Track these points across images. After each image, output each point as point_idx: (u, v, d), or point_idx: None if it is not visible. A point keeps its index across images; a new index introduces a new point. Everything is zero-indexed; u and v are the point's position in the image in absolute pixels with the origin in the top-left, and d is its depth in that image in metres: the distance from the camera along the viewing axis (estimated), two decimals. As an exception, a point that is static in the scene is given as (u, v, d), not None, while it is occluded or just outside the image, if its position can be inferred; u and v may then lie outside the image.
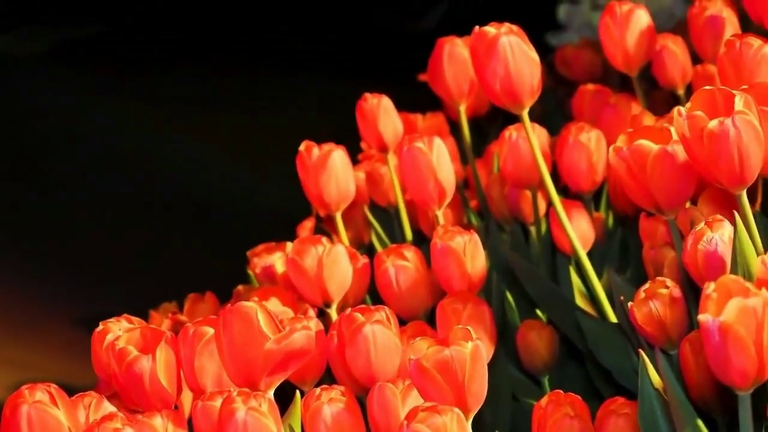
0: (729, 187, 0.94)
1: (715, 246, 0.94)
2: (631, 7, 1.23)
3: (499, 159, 1.26)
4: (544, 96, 1.83)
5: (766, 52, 1.04)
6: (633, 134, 1.02)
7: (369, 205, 1.39)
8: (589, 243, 1.23)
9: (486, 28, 1.12)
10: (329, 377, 1.06)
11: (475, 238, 1.09)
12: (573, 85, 1.59)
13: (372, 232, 1.37)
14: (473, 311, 1.04)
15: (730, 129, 0.91)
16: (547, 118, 1.57)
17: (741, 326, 0.76)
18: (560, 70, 1.73)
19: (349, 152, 1.48)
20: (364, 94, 1.31)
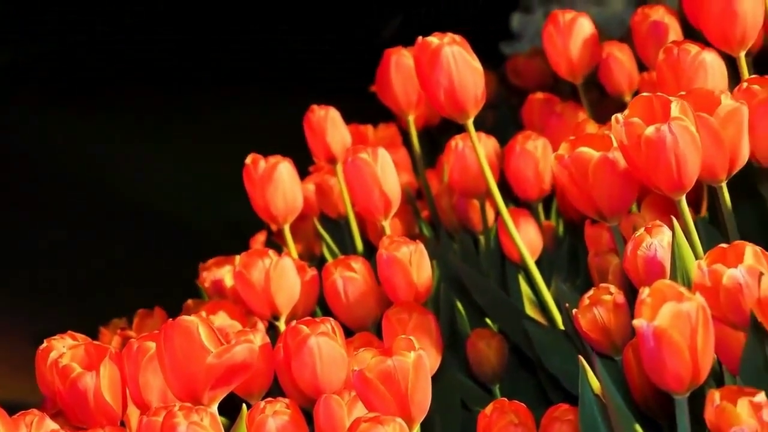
0: (668, 193, 0.95)
1: (654, 251, 0.95)
2: (574, 15, 1.24)
3: (446, 169, 1.26)
4: (497, 105, 1.85)
5: (704, 58, 1.05)
6: (575, 142, 1.03)
7: (319, 217, 1.39)
8: (538, 251, 1.23)
9: (429, 39, 1.13)
10: (278, 390, 1.06)
11: (421, 248, 1.09)
12: (525, 94, 1.60)
13: (323, 244, 1.37)
14: (419, 321, 1.04)
15: (667, 135, 0.92)
16: (500, 128, 1.58)
17: (675, 331, 0.77)
18: (511, 79, 1.74)
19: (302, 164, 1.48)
20: (312, 105, 1.32)
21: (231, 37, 2.45)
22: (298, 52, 2.45)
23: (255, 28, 2.45)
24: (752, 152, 1.00)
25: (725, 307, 0.85)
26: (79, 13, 2.39)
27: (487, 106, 1.85)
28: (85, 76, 2.42)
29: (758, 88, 1.00)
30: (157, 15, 2.42)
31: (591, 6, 2.10)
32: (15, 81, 2.46)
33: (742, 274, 0.84)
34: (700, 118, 0.95)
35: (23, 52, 2.48)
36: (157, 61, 2.33)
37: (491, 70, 1.88)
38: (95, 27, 2.45)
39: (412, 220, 1.40)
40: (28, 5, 2.49)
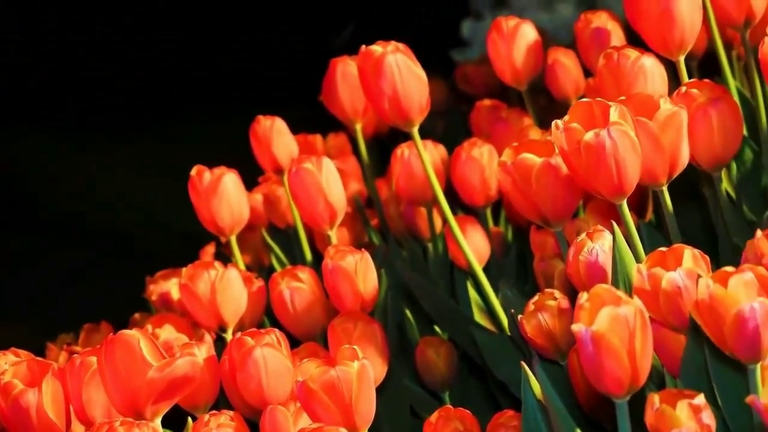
0: (609, 198, 0.95)
1: (595, 256, 0.95)
2: (517, 22, 1.25)
3: (393, 177, 1.26)
4: (447, 113, 1.86)
5: (643, 63, 1.06)
6: (518, 148, 1.03)
7: (268, 228, 1.39)
8: (485, 257, 1.23)
9: (372, 47, 1.13)
10: (225, 402, 1.05)
11: (367, 257, 1.09)
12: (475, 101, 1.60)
13: (271, 254, 1.37)
14: (364, 330, 1.04)
15: (606, 140, 0.92)
16: (451, 135, 1.58)
17: (613, 335, 0.77)
18: (461, 86, 1.75)
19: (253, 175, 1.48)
20: (258, 116, 1.31)
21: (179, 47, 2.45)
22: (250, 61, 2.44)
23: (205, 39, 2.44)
24: (692, 156, 1.00)
25: (665, 310, 0.85)
26: (24, 25, 2.38)
27: (437, 114, 1.87)
28: (26, 88, 2.40)
29: (697, 92, 1.00)
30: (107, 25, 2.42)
31: (541, 12, 2.12)
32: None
33: (680, 277, 0.84)
34: (639, 123, 0.95)
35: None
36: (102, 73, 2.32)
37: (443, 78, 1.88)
38: (37, 37, 2.44)
39: (361, 229, 1.40)
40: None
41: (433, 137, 1.47)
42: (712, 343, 0.81)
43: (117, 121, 2.30)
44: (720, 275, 0.79)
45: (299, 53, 2.31)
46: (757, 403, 0.72)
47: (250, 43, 2.45)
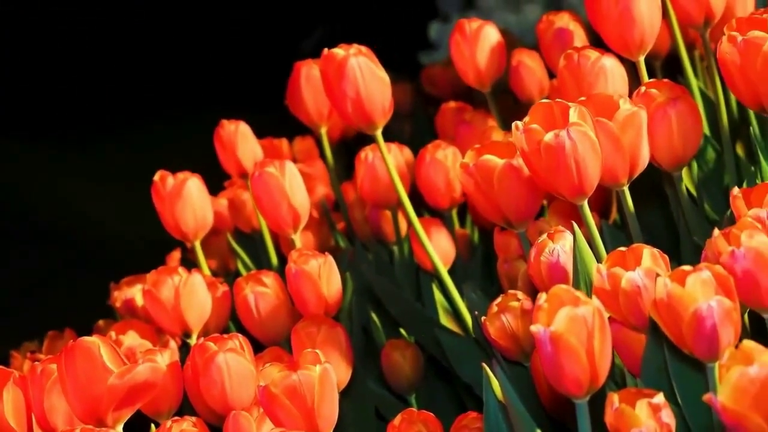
0: (570, 198, 0.95)
1: (557, 257, 0.95)
2: (480, 24, 1.24)
3: (357, 180, 1.26)
4: (414, 115, 1.86)
5: (603, 63, 1.06)
6: (480, 150, 1.03)
7: (233, 232, 1.38)
8: (450, 259, 1.23)
9: (335, 50, 1.13)
10: (188, 408, 1.05)
11: (330, 261, 1.09)
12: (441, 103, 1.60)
13: (237, 259, 1.36)
14: (328, 334, 1.04)
15: (566, 141, 0.92)
16: (418, 138, 1.58)
17: (572, 335, 0.77)
18: (427, 88, 1.74)
19: (220, 180, 1.47)
20: (222, 120, 1.31)
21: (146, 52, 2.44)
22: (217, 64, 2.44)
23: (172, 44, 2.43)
24: (653, 155, 1.01)
25: (625, 310, 0.86)
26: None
27: (405, 116, 1.87)
28: None
29: (656, 92, 1.01)
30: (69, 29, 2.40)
31: (508, 14, 2.12)
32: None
33: (640, 276, 0.84)
34: (599, 123, 0.95)
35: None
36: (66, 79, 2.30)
37: (410, 81, 1.88)
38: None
39: (328, 233, 1.40)
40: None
41: (400, 140, 1.47)
42: (671, 342, 0.81)
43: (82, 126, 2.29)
44: (678, 274, 0.80)
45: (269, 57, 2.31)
46: (715, 402, 0.72)
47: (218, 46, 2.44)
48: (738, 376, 0.72)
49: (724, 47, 0.97)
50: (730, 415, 0.72)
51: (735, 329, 0.78)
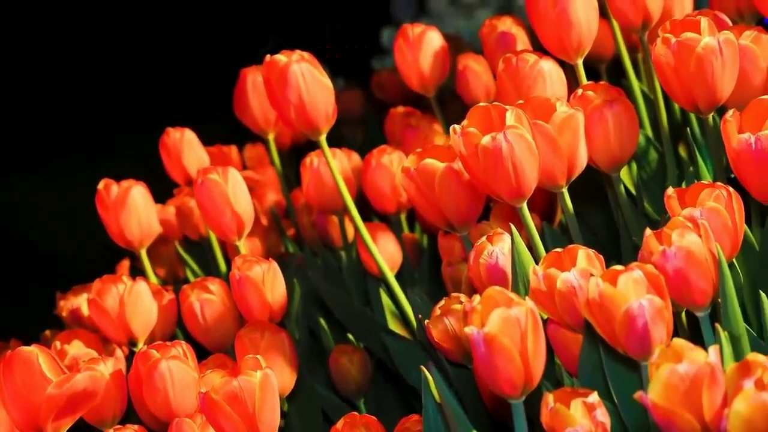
0: (508, 201, 0.96)
1: (495, 259, 0.96)
2: (423, 29, 1.25)
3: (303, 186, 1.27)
4: (367, 121, 1.86)
5: (542, 66, 1.07)
6: (421, 154, 1.04)
7: (182, 240, 1.38)
8: (397, 264, 1.24)
9: (277, 57, 1.13)
10: (134, 415, 1.05)
11: (275, 267, 1.09)
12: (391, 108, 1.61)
13: (186, 266, 1.36)
14: (271, 340, 1.04)
15: (503, 144, 0.93)
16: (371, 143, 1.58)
17: (505, 336, 0.78)
18: (376, 93, 1.75)
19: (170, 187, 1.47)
20: (167, 128, 1.31)
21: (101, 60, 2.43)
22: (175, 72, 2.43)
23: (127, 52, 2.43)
24: (591, 157, 1.01)
25: (561, 311, 0.86)
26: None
27: (357, 122, 1.88)
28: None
29: (593, 95, 1.02)
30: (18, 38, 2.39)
31: (460, 19, 2.13)
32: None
33: (574, 277, 0.85)
34: (536, 126, 0.96)
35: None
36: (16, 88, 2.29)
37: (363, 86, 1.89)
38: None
39: (278, 239, 1.40)
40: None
41: (352, 145, 1.48)
42: (606, 342, 0.82)
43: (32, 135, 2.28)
44: (609, 274, 0.80)
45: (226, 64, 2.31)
46: (645, 400, 0.73)
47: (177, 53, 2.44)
48: (668, 374, 0.72)
49: (658, 49, 0.98)
50: (661, 413, 0.73)
51: (667, 328, 0.79)
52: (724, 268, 0.84)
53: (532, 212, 1.20)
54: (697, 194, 0.90)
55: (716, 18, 1.06)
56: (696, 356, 0.73)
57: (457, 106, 1.51)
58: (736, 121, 0.91)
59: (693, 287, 0.82)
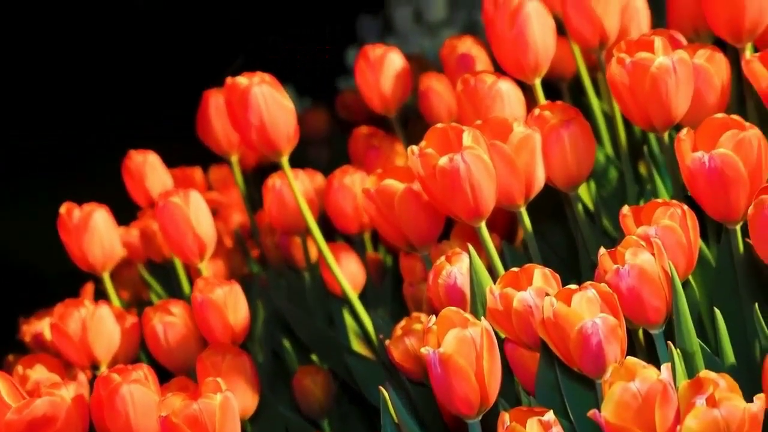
0: (467, 221, 0.97)
1: (454, 279, 0.97)
2: (384, 50, 1.26)
3: (266, 207, 1.27)
4: (332, 141, 1.87)
5: (500, 87, 1.08)
6: (381, 175, 1.05)
7: (146, 263, 1.38)
8: (360, 284, 1.24)
9: (238, 79, 1.14)
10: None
11: (236, 289, 1.09)
12: (355, 128, 1.61)
13: (150, 289, 1.36)
14: (233, 362, 1.04)
15: (460, 164, 0.93)
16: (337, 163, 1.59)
17: (460, 356, 0.78)
18: (341, 114, 1.76)
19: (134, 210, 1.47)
20: (130, 151, 1.31)
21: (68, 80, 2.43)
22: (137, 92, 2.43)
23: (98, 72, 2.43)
24: (548, 176, 1.02)
25: (518, 330, 0.87)
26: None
27: (322, 142, 1.88)
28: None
29: (549, 115, 1.02)
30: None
31: (425, 39, 2.14)
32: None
33: (530, 296, 0.86)
34: (493, 146, 0.97)
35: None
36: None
37: (329, 107, 1.89)
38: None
39: (242, 261, 1.40)
40: None
41: (318, 166, 1.48)
42: (562, 360, 0.83)
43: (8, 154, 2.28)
44: (564, 293, 0.81)
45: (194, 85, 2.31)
46: (599, 417, 0.73)
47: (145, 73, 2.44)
48: (620, 392, 0.73)
49: (613, 69, 0.99)
50: (614, 430, 0.73)
51: (621, 346, 0.80)
52: (677, 286, 0.85)
53: (493, 231, 1.22)
54: (653, 212, 0.91)
55: (671, 37, 1.08)
56: (648, 374, 0.73)
57: (421, 126, 1.52)
58: (689, 140, 0.92)
59: (646, 305, 0.83)
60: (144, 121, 2.32)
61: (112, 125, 2.33)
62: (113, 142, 2.02)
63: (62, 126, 2.37)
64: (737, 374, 0.89)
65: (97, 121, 2.37)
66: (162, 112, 2.25)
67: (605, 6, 1.11)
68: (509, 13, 1.07)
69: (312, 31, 2.37)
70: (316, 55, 2.28)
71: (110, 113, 2.43)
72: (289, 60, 2.28)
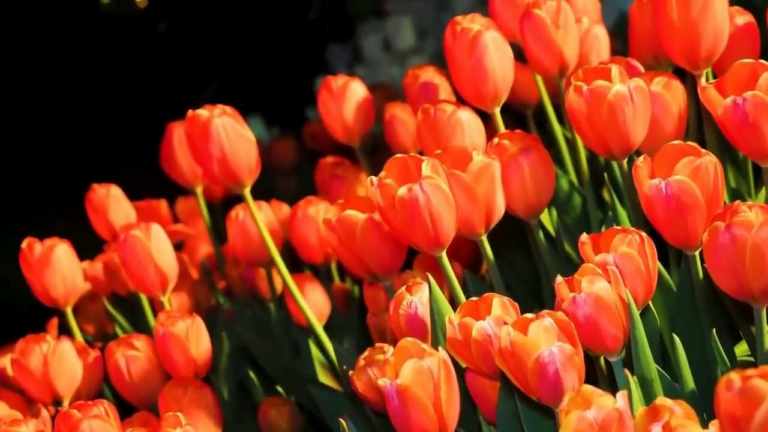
0: (427, 250, 0.97)
1: (414, 309, 0.96)
2: (346, 80, 1.26)
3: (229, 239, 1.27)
4: (300, 171, 1.86)
5: (459, 116, 1.08)
6: (343, 205, 1.05)
7: (110, 296, 1.37)
8: (325, 315, 1.24)
9: (199, 111, 1.14)
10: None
11: (198, 322, 1.09)
12: (322, 158, 1.61)
13: (115, 323, 1.35)
14: (194, 395, 1.04)
15: (419, 194, 0.93)
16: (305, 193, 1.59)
17: (418, 387, 0.78)
18: (309, 143, 1.76)
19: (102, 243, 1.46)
20: (92, 184, 1.31)
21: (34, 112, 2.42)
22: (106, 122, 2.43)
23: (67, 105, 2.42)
24: (508, 204, 1.02)
25: (477, 359, 0.87)
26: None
27: (291, 172, 1.88)
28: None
29: (508, 143, 1.03)
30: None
31: (393, 67, 2.15)
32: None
33: (489, 325, 0.86)
34: (453, 176, 0.97)
35: None
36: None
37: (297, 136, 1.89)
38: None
39: (209, 292, 1.40)
40: None
41: (287, 196, 1.48)
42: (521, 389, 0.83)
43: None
44: (521, 322, 0.81)
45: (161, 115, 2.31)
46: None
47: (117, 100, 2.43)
48: (577, 420, 0.73)
49: (571, 97, 1.00)
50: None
51: (579, 374, 0.80)
52: (634, 313, 0.85)
53: (458, 260, 1.22)
54: (611, 239, 0.91)
55: (628, 65, 1.08)
56: (604, 402, 0.73)
57: (388, 155, 1.52)
58: (647, 167, 0.93)
59: (603, 333, 0.83)
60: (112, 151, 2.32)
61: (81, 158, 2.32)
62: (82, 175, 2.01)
63: (28, 159, 2.36)
64: (697, 400, 0.89)
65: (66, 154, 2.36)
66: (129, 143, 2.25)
67: (564, 34, 1.12)
68: (467, 42, 1.07)
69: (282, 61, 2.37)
70: (285, 85, 2.28)
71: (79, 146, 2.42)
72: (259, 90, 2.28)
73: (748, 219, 0.83)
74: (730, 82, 0.95)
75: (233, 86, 2.41)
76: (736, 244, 0.83)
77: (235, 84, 2.38)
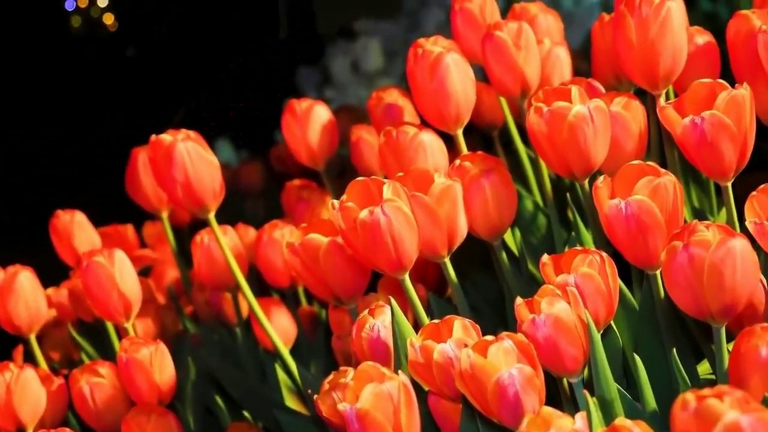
0: (390, 273, 0.96)
1: (377, 332, 0.96)
2: (310, 104, 1.26)
3: (194, 264, 1.26)
4: (268, 194, 1.86)
5: (422, 138, 1.08)
6: (306, 228, 1.05)
7: (76, 323, 1.37)
8: (292, 338, 1.23)
9: (162, 136, 1.13)
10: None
11: (162, 348, 1.08)
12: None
13: (81, 350, 1.34)
14: (158, 422, 1.03)
15: (381, 217, 0.93)
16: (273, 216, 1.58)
17: (377, 411, 0.78)
18: (276, 166, 1.75)
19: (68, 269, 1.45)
20: (56, 210, 1.30)
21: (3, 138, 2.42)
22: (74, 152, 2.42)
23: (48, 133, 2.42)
24: (471, 226, 1.02)
25: (439, 382, 0.87)
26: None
27: (258, 196, 1.88)
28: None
29: (470, 165, 1.03)
30: None
31: (362, 89, 2.15)
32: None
33: (450, 348, 0.86)
34: (415, 198, 0.97)
35: None
36: None
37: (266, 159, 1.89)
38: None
39: (176, 317, 1.39)
40: None
41: (254, 219, 1.47)
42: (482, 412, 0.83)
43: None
44: (480, 345, 0.81)
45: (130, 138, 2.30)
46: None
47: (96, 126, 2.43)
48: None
49: (531, 118, 1.00)
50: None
51: (539, 395, 0.80)
52: (594, 334, 0.85)
53: (424, 282, 1.22)
54: (572, 260, 0.91)
55: (589, 86, 1.09)
56: (563, 423, 0.73)
57: (355, 177, 1.52)
58: (607, 187, 0.93)
59: (563, 354, 0.83)
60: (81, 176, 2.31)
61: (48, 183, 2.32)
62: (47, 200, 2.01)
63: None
64: (659, 420, 0.89)
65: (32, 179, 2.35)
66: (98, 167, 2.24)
67: (526, 55, 1.12)
68: (429, 64, 1.07)
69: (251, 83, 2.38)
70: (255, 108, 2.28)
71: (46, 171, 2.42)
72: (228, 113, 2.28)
73: (705, 238, 0.83)
74: (689, 102, 0.95)
75: (203, 109, 2.41)
76: (693, 264, 0.83)
77: (204, 107, 2.38)
